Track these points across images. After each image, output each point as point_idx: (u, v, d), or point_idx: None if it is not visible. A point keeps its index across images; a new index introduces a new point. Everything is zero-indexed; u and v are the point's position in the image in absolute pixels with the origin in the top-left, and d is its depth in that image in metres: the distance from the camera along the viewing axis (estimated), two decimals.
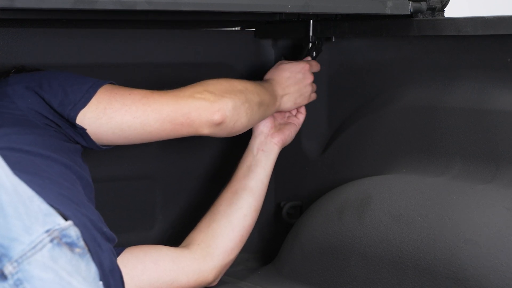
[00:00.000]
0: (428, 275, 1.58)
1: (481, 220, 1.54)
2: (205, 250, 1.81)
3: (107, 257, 1.42)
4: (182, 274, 1.77)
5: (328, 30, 1.99)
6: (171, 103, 1.70)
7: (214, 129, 1.72)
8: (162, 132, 1.70)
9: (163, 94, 1.71)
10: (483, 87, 1.70)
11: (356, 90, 2.00)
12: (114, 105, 1.67)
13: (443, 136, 1.76)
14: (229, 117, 1.73)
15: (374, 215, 1.72)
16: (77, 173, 1.60)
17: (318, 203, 1.91)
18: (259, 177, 1.91)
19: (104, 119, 1.66)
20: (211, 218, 1.86)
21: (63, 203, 1.38)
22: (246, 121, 1.78)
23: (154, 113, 1.68)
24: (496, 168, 1.66)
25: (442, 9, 1.85)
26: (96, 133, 1.66)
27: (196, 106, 1.70)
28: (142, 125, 1.68)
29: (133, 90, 1.71)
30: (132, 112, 1.67)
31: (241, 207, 1.87)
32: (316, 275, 1.84)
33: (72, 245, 1.20)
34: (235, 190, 1.89)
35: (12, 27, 1.92)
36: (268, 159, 1.93)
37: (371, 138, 1.94)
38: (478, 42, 1.70)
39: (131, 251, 1.76)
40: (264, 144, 1.94)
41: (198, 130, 1.71)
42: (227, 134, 1.77)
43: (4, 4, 1.41)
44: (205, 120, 1.70)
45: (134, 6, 1.54)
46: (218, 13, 1.85)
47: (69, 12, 1.77)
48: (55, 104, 1.63)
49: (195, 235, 1.85)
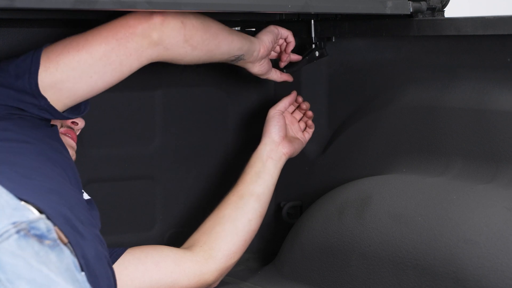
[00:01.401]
0: (428, 275, 1.58)
1: (481, 220, 1.54)
2: (207, 253, 1.81)
3: (91, 246, 1.41)
4: (183, 276, 1.76)
5: (328, 30, 1.99)
6: (108, 24, 1.68)
7: (162, 30, 1.67)
8: (113, 54, 1.66)
9: (104, 23, 1.69)
10: (483, 87, 1.70)
11: (356, 90, 2.00)
12: (56, 50, 1.65)
13: (443, 136, 1.76)
14: (171, 14, 1.68)
15: (374, 215, 1.72)
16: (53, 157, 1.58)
17: (318, 203, 1.91)
18: (266, 184, 1.90)
19: (52, 66, 1.63)
20: (216, 221, 1.85)
21: (39, 195, 1.37)
22: (198, 22, 1.72)
23: (94, 37, 1.65)
24: (496, 168, 1.66)
25: (442, 9, 1.85)
26: (53, 87, 1.63)
27: (132, 15, 1.67)
28: (89, 54, 1.65)
29: (74, 34, 1.69)
30: (74, 47, 1.65)
31: (247, 212, 1.86)
32: (316, 275, 1.84)
33: (42, 237, 1.24)
34: (242, 194, 1.88)
35: (12, 27, 1.92)
36: (276, 167, 1.93)
37: (371, 138, 1.94)
38: (478, 42, 1.70)
39: (133, 252, 1.75)
40: (274, 152, 1.93)
41: (145, 36, 1.67)
42: (187, 39, 1.71)
43: (4, 4, 1.41)
44: (145, 22, 1.66)
45: (134, 6, 1.54)
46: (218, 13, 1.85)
47: (69, 12, 1.77)
48: (11, 80, 1.62)
49: (198, 237, 1.84)
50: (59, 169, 1.55)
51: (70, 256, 1.29)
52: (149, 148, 2.13)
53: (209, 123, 2.19)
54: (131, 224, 2.12)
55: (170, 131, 2.14)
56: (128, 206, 2.11)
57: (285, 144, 1.95)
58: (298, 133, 2.02)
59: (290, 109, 2.02)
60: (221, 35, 1.78)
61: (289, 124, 2.00)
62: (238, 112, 2.22)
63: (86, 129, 1.89)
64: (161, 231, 2.15)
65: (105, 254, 1.49)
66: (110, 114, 2.06)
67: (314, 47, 2.00)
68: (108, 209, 2.07)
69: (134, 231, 2.12)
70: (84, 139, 2.00)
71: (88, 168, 2.02)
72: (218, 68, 2.10)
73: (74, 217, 1.43)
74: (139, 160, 2.11)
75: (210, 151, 2.20)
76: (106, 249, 1.54)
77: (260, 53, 1.89)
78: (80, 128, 1.83)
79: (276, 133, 1.94)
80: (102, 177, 2.07)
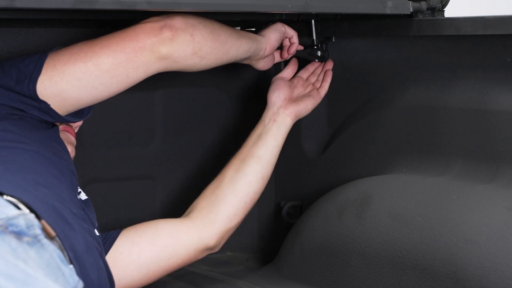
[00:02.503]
0: (428, 275, 1.58)
1: (481, 220, 1.54)
2: (205, 216, 1.80)
3: (80, 238, 1.41)
4: (180, 246, 1.76)
5: (328, 30, 1.99)
6: (116, 35, 1.66)
7: (172, 45, 1.66)
8: (120, 67, 1.64)
9: (111, 33, 1.67)
10: (483, 87, 1.70)
11: (356, 90, 2.00)
12: (62, 59, 1.63)
13: (443, 136, 1.76)
14: (181, 28, 1.67)
15: (374, 215, 1.72)
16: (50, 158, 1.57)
17: (318, 203, 1.91)
18: (268, 146, 1.88)
19: (57, 75, 1.62)
20: (216, 185, 1.85)
21: (25, 188, 1.38)
22: (207, 32, 1.71)
23: (103, 49, 1.64)
24: (496, 168, 1.66)
25: (442, 9, 1.85)
26: (57, 96, 1.62)
27: (142, 28, 1.66)
28: (96, 66, 1.63)
29: (81, 42, 1.67)
30: (81, 58, 1.63)
31: (247, 173, 1.85)
32: (316, 275, 1.84)
33: (20, 234, 1.24)
34: (243, 157, 1.87)
35: (12, 27, 1.92)
36: (279, 129, 1.91)
37: (371, 138, 1.94)
38: (478, 42, 1.70)
39: (127, 234, 1.74)
40: (276, 115, 1.92)
41: (154, 51, 1.65)
42: (195, 51, 1.70)
43: (4, 4, 1.41)
44: (154, 37, 1.65)
45: (134, 6, 1.54)
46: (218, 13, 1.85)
47: (69, 12, 1.77)
48: (12, 85, 1.61)
49: (198, 202, 1.84)
50: (54, 170, 1.55)
51: (54, 250, 1.29)
52: (149, 148, 2.13)
53: (209, 123, 2.19)
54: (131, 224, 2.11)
55: (170, 131, 2.14)
56: (128, 206, 2.11)
57: (289, 105, 1.93)
58: (312, 92, 1.99)
59: (304, 75, 2.01)
60: (229, 42, 1.77)
61: (298, 87, 1.99)
62: (238, 112, 2.22)
63: (86, 129, 1.89)
64: None
65: (96, 246, 1.49)
66: (110, 114, 2.06)
67: (316, 48, 2.00)
68: (108, 209, 2.07)
69: None
70: (84, 139, 2.00)
71: (88, 168, 2.02)
72: (218, 68, 2.10)
73: (65, 209, 1.43)
74: (139, 160, 2.11)
75: (210, 151, 2.20)
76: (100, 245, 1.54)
77: (266, 51, 1.89)
78: (78, 126, 1.82)
79: (276, 96, 1.94)
80: (102, 177, 2.07)
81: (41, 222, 1.33)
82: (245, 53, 1.83)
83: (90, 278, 1.41)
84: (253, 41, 1.85)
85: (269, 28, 1.92)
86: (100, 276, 1.46)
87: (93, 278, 1.42)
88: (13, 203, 1.32)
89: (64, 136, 1.73)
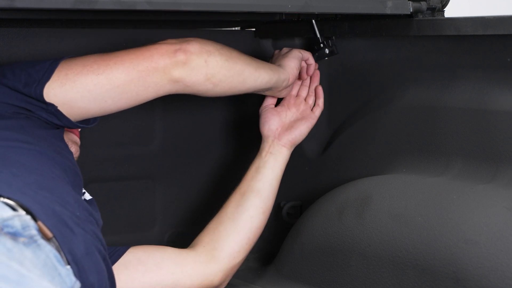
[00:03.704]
0: (428, 275, 1.58)
1: (481, 220, 1.54)
2: (210, 253, 1.80)
3: (80, 242, 1.41)
4: (185, 277, 1.76)
5: (328, 30, 1.99)
6: (131, 52, 1.66)
7: (184, 69, 1.66)
8: (131, 84, 1.65)
9: (126, 50, 1.68)
10: (483, 87, 1.70)
11: (356, 90, 2.00)
12: (75, 69, 1.63)
13: (443, 136, 1.76)
14: (195, 53, 1.67)
15: (374, 215, 1.72)
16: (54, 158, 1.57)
17: (318, 203, 1.91)
18: (267, 179, 1.88)
19: (68, 84, 1.62)
20: (218, 221, 1.84)
21: (25, 191, 1.38)
22: (223, 60, 1.71)
23: (116, 64, 1.64)
24: (496, 168, 1.66)
25: (442, 9, 1.85)
26: (65, 104, 1.63)
27: (157, 49, 1.66)
28: (108, 80, 1.63)
29: (94, 54, 1.67)
30: (94, 70, 1.63)
31: (247, 209, 1.85)
32: (316, 275, 1.83)
33: (16, 235, 1.25)
34: (243, 192, 1.87)
35: (12, 27, 1.92)
36: (276, 161, 1.90)
37: (371, 138, 1.94)
38: (478, 42, 1.70)
39: (134, 252, 1.75)
40: (272, 147, 1.91)
41: (167, 73, 1.66)
42: (208, 78, 1.70)
43: (4, 4, 1.41)
44: (168, 59, 1.65)
45: (134, 6, 1.54)
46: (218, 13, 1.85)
47: (69, 12, 1.77)
48: (20, 87, 1.61)
49: (202, 237, 1.83)
50: (58, 170, 1.55)
51: (51, 251, 1.29)
52: (149, 148, 2.13)
53: (209, 123, 2.19)
54: (131, 224, 2.12)
55: (170, 131, 2.14)
56: (128, 206, 2.11)
57: (282, 135, 1.92)
58: (306, 112, 1.96)
59: (294, 91, 1.98)
60: (246, 72, 1.76)
61: (290, 108, 1.96)
62: (238, 112, 2.22)
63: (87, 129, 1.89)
64: (161, 231, 2.15)
65: (100, 249, 1.49)
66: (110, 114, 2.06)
67: (323, 46, 2.00)
68: (108, 209, 2.07)
69: (134, 231, 2.12)
70: (84, 139, 1.99)
71: (88, 168, 2.02)
72: None
73: (66, 213, 1.43)
74: (139, 160, 2.11)
75: (210, 151, 2.20)
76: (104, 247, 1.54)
77: (290, 81, 1.88)
78: None
79: (268, 129, 1.93)
80: (102, 177, 2.07)
81: (37, 223, 1.33)
82: (265, 84, 1.82)
83: (89, 281, 1.41)
84: (274, 72, 1.84)
85: (287, 57, 1.90)
86: (101, 280, 1.46)
87: (93, 281, 1.42)
88: (11, 205, 1.32)
89: (68, 135, 1.74)
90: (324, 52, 2.00)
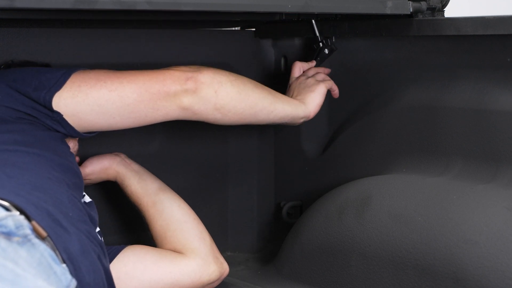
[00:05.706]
0: (428, 275, 1.58)
1: (481, 220, 1.54)
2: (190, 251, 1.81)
3: (75, 241, 1.42)
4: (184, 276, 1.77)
5: (328, 30, 1.99)
6: (145, 74, 1.68)
7: (194, 98, 1.68)
8: (142, 104, 1.66)
9: (139, 70, 1.70)
10: (483, 87, 1.70)
11: (356, 90, 2.00)
12: (89, 82, 1.65)
13: (443, 136, 1.76)
14: (206, 83, 1.68)
15: (374, 215, 1.72)
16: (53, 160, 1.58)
17: (318, 203, 1.91)
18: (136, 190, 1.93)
19: (80, 96, 1.64)
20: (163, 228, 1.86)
21: (20, 194, 1.39)
22: (234, 92, 1.72)
23: (130, 83, 1.66)
24: (496, 168, 1.66)
25: (442, 9, 1.85)
26: (74, 115, 1.64)
27: (170, 74, 1.68)
28: (119, 97, 1.65)
29: (107, 70, 1.69)
30: (107, 86, 1.65)
31: (166, 205, 1.88)
32: (316, 275, 1.84)
33: (10, 234, 1.26)
34: (151, 205, 1.90)
35: (12, 27, 1.92)
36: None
37: (371, 138, 1.94)
38: (478, 42, 1.70)
39: (133, 249, 1.76)
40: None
41: (176, 99, 1.67)
42: (217, 108, 1.71)
43: (4, 4, 1.42)
44: (179, 86, 1.67)
45: (134, 6, 1.54)
46: (218, 13, 1.85)
47: (69, 12, 1.77)
48: (29, 91, 1.62)
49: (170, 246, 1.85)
50: (56, 172, 1.56)
51: (46, 249, 1.30)
52: (149, 148, 2.13)
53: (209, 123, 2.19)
54: (131, 224, 2.12)
55: (170, 131, 2.14)
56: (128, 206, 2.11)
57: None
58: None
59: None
60: (260, 106, 1.76)
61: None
62: None
63: None
64: None
65: (95, 249, 1.50)
66: None
67: (322, 45, 2.00)
68: (108, 209, 2.07)
69: (134, 231, 2.12)
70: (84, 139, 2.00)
71: None
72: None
73: (60, 213, 1.44)
74: (139, 160, 2.11)
75: (210, 151, 2.20)
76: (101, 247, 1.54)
77: (310, 117, 1.86)
78: None
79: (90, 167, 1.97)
80: None
81: (31, 223, 1.34)
82: (280, 119, 1.81)
83: (85, 280, 1.41)
84: (292, 108, 1.82)
85: (313, 92, 1.87)
86: (97, 279, 1.47)
87: (88, 280, 1.43)
88: (4, 206, 1.33)
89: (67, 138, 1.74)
90: (324, 53, 2.00)
